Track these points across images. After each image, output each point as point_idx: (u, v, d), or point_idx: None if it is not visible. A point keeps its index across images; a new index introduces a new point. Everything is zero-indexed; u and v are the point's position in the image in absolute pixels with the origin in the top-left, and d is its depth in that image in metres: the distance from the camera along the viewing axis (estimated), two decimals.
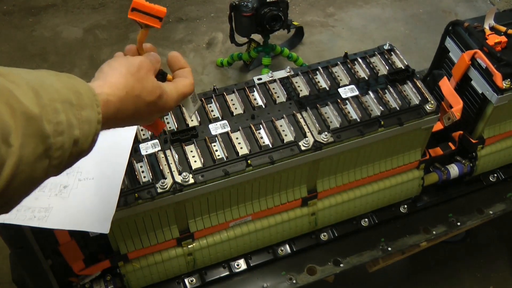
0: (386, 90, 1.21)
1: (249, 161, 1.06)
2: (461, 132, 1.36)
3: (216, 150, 1.08)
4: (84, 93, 0.61)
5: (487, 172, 1.46)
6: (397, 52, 1.29)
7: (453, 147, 1.36)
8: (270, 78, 1.22)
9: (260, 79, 1.22)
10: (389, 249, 1.32)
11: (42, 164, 0.55)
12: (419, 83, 1.22)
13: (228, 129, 1.12)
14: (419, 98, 1.19)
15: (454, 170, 1.38)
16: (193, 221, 1.14)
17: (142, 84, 0.71)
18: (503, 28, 1.31)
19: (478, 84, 1.29)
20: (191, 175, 1.04)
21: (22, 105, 0.51)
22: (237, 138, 1.10)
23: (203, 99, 1.18)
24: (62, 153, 0.57)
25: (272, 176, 1.12)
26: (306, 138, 1.10)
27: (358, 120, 1.14)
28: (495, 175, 1.48)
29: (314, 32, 2.82)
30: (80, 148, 0.60)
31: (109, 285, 1.16)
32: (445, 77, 1.36)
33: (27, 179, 0.54)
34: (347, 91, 1.20)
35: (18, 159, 0.51)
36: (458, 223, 1.38)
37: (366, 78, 1.23)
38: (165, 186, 1.02)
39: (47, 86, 0.56)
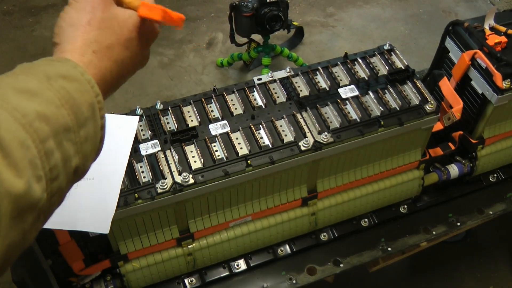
0: (386, 90, 1.20)
1: (249, 161, 1.06)
2: (461, 132, 1.36)
3: (216, 150, 1.08)
4: (82, 101, 0.51)
5: (487, 172, 1.46)
6: (397, 52, 1.29)
7: (453, 147, 1.36)
8: (270, 78, 1.22)
9: (260, 79, 1.22)
10: (389, 249, 1.32)
11: (35, 228, 0.48)
12: (419, 83, 1.22)
13: (228, 129, 1.12)
14: (419, 98, 1.19)
15: (454, 170, 1.38)
16: (193, 221, 1.14)
17: (114, 31, 0.60)
18: (503, 28, 1.30)
19: (478, 84, 1.29)
20: (191, 175, 1.04)
21: (4, 184, 0.42)
22: (237, 138, 1.10)
23: (202, 99, 1.18)
24: (59, 195, 0.50)
25: (272, 176, 1.12)
26: (306, 138, 1.10)
27: (358, 120, 1.14)
28: (495, 175, 1.48)
29: (314, 32, 2.82)
30: (82, 172, 0.54)
31: (109, 285, 1.16)
32: (445, 77, 1.36)
33: (20, 248, 0.47)
34: (347, 91, 1.20)
35: (4, 250, 0.44)
36: (458, 223, 1.38)
37: (366, 78, 1.23)
38: (165, 186, 1.02)
39: (35, 119, 0.46)
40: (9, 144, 0.44)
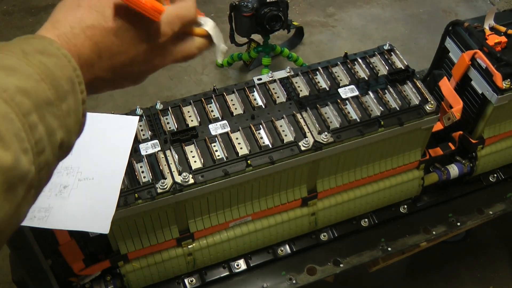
0: (386, 90, 1.20)
1: (249, 161, 1.06)
2: (461, 132, 1.36)
3: (216, 150, 1.08)
4: (61, 75, 0.51)
5: (487, 172, 1.46)
6: (397, 52, 1.29)
7: (453, 147, 1.36)
8: (270, 78, 1.22)
9: (260, 79, 1.22)
10: (389, 249, 1.32)
11: (27, 202, 0.48)
12: (419, 83, 1.22)
13: (228, 129, 1.12)
14: (419, 98, 1.19)
15: (454, 170, 1.38)
16: (193, 221, 1.14)
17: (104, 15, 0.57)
18: (503, 28, 1.30)
19: (478, 84, 1.29)
20: (191, 175, 1.04)
21: None
22: (237, 138, 1.10)
23: (202, 99, 1.18)
24: (47, 170, 0.50)
25: (272, 176, 1.12)
26: (306, 138, 1.10)
27: (358, 120, 1.14)
28: (495, 175, 1.48)
29: (314, 32, 2.82)
30: (67, 146, 0.53)
31: (109, 285, 1.16)
32: (445, 77, 1.36)
33: (14, 223, 0.47)
34: (347, 91, 1.20)
35: None
36: (458, 223, 1.38)
37: (366, 78, 1.23)
38: (165, 186, 1.02)
39: (16, 93, 0.47)
40: None
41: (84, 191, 1.00)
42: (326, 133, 1.11)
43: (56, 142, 0.51)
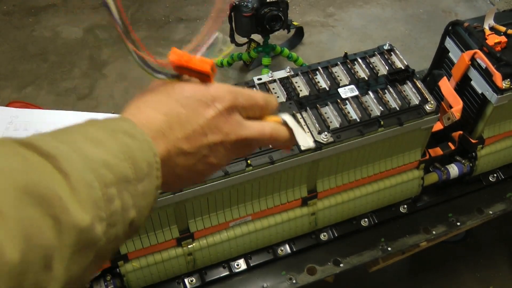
0: (386, 90, 1.21)
1: (249, 161, 1.06)
2: (461, 132, 1.36)
3: None
4: (142, 158, 0.53)
5: (487, 172, 1.46)
6: (397, 52, 1.29)
7: (453, 147, 1.36)
8: (270, 78, 1.22)
9: (260, 79, 1.22)
10: (389, 249, 1.32)
11: (92, 269, 0.49)
12: (419, 83, 1.22)
13: None
14: (419, 98, 1.19)
15: (454, 170, 1.38)
16: (193, 221, 1.14)
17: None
18: (503, 28, 1.31)
19: (478, 84, 1.29)
20: None
21: (70, 217, 0.43)
22: None
23: None
24: (114, 245, 0.51)
25: (272, 176, 1.12)
26: None
27: (358, 120, 1.14)
28: (495, 175, 1.48)
29: (314, 32, 2.82)
30: (135, 226, 0.55)
31: (109, 285, 1.17)
32: (445, 77, 1.36)
33: (77, 285, 0.48)
34: (347, 91, 1.20)
35: (62, 283, 0.44)
36: (458, 223, 1.38)
37: (366, 78, 1.23)
38: None
39: (101, 165, 0.49)
40: (78, 182, 0.46)
41: None
42: (326, 133, 1.11)
43: (128, 219, 0.52)
